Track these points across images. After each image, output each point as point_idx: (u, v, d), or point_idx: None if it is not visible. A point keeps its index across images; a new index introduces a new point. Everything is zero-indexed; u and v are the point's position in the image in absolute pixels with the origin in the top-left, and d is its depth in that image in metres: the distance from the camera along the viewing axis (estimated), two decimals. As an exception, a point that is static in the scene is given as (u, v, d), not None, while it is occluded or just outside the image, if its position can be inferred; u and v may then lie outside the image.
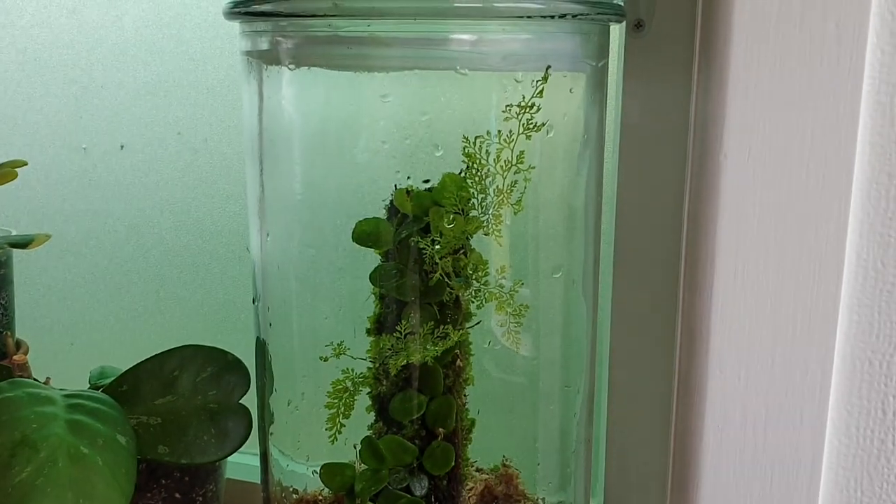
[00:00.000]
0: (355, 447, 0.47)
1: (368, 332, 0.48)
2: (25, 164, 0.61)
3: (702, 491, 0.47)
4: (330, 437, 0.46)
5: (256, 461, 0.72)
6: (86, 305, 0.79)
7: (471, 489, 0.55)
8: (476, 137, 0.42)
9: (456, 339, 0.44)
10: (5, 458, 0.46)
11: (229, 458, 0.64)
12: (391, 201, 0.47)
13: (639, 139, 0.53)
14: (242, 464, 0.71)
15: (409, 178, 0.44)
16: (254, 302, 0.50)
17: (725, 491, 0.47)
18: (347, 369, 0.47)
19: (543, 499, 0.53)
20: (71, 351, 0.71)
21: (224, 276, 0.74)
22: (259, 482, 0.57)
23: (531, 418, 0.51)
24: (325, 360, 0.46)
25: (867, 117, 0.42)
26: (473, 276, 0.46)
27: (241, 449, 0.72)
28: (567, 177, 0.46)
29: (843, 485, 0.46)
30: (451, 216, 0.44)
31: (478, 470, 0.53)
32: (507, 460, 0.55)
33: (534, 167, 0.43)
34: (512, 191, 0.43)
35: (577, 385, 0.51)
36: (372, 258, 0.47)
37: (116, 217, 0.75)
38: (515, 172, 0.43)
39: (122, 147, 0.72)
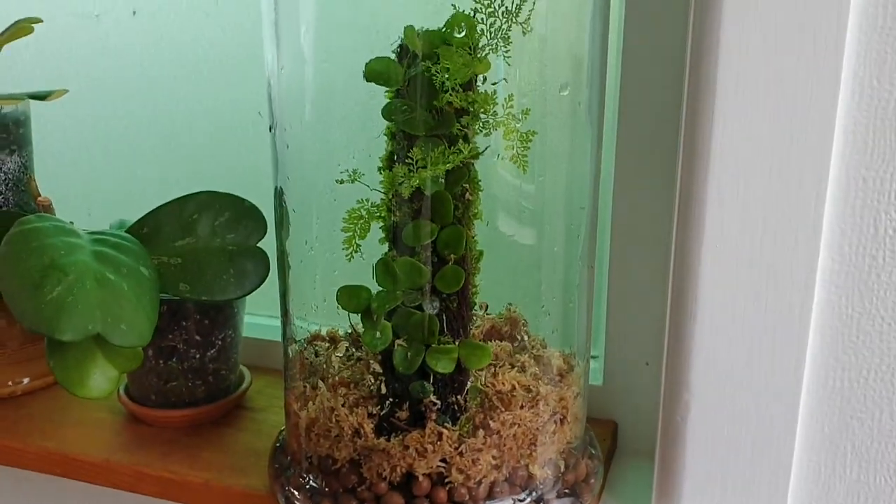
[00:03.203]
0: (372, 269, 0.49)
1: (380, 169, 0.50)
2: (41, 20, 0.62)
3: (699, 308, 0.49)
4: (347, 255, 0.48)
5: (272, 322, 0.75)
6: (102, 166, 0.80)
7: (478, 327, 0.57)
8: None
9: (467, 152, 0.46)
10: (36, 279, 0.48)
11: (246, 320, 0.67)
12: (400, 44, 0.48)
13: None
14: (261, 324, 0.74)
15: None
16: (270, 129, 0.51)
17: (721, 314, 0.48)
18: (362, 199, 0.49)
19: (544, 339, 0.55)
20: (87, 210, 0.72)
21: (236, 139, 0.75)
22: (277, 340, 0.58)
23: (535, 260, 0.53)
24: (341, 182, 0.48)
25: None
26: (482, 110, 0.47)
27: (257, 312, 0.74)
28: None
29: (836, 302, 0.48)
30: (460, 52, 0.46)
31: (480, 306, 0.54)
32: (511, 305, 0.57)
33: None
34: (520, 10, 0.44)
35: (580, 221, 0.52)
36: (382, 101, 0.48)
37: (130, 82, 0.75)
38: (524, -9, 0.44)
39: (133, 13, 0.72)
